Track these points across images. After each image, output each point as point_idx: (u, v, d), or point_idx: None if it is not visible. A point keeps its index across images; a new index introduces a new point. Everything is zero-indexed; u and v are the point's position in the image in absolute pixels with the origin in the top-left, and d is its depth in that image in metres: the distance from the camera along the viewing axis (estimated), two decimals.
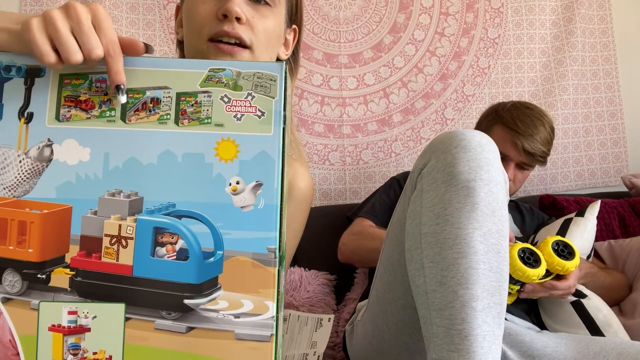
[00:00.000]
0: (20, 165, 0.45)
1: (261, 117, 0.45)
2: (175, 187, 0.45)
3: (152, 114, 0.46)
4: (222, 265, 0.44)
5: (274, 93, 0.46)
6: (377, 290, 0.86)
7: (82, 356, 0.44)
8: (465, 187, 0.66)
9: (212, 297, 0.44)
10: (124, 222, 0.45)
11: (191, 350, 0.44)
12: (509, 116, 1.28)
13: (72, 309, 0.45)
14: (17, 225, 0.45)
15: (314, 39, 1.70)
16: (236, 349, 0.43)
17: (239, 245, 0.44)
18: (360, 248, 1.21)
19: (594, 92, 1.80)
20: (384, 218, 1.23)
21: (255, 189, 0.44)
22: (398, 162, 1.71)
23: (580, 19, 1.77)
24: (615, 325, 1.03)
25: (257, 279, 0.44)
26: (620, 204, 1.48)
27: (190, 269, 0.44)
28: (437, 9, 1.75)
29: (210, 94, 0.46)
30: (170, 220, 0.45)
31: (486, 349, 0.62)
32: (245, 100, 0.46)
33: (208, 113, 0.46)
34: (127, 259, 0.45)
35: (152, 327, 0.44)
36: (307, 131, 1.68)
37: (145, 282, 0.44)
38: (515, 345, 0.87)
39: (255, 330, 0.43)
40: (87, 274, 0.45)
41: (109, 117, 0.46)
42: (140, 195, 0.45)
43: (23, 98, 0.46)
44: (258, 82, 0.46)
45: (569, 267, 0.95)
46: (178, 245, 0.45)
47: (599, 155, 1.79)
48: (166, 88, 0.46)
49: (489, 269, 0.65)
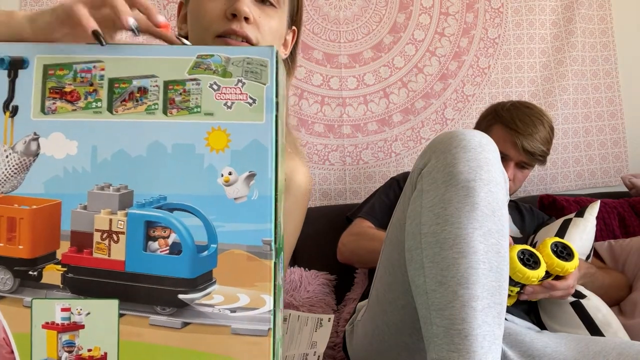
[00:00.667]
0: (7, 161, 0.45)
1: (252, 105, 0.44)
2: (166, 179, 0.44)
3: (139, 104, 0.45)
4: (217, 258, 0.43)
5: (265, 79, 0.44)
6: (377, 290, 0.86)
7: (77, 353, 0.44)
8: (465, 187, 0.66)
9: (207, 291, 0.43)
10: (115, 216, 0.44)
11: (187, 346, 0.43)
12: (508, 116, 1.28)
13: (65, 305, 0.44)
14: (7, 222, 0.44)
15: (314, 39, 1.70)
16: (233, 344, 0.42)
17: (233, 238, 0.43)
18: (359, 248, 1.22)
19: (594, 92, 1.80)
20: (383, 219, 1.24)
21: (248, 180, 0.43)
22: (398, 162, 1.71)
23: (580, 19, 1.77)
24: (615, 325, 1.03)
25: (253, 272, 0.43)
26: (620, 204, 1.48)
27: (183, 263, 0.44)
28: (437, 9, 1.75)
29: (199, 81, 0.44)
30: (162, 213, 0.44)
31: (486, 348, 0.62)
32: (235, 87, 0.44)
33: (197, 102, 0.44)
34: (119, 254, 0.44)
35: (147, 323, 0.44)
36: (307, 131, 1.68)
37: (138, 277, 0.44)
38: (515, 345, 0.87)
39: (252, 325, 0.42)
40: (79, 270, 0.44)
41: (95, 108, 0.45)
42: (130, 188, 0.44)
43: (7, 91, 0.45)
44: (248, 67, 0.44)
45: (569, 268, 0.95)
46: (171, 239, 0.44)
47: (599, 155, 1.79)
48: (153, 76, 0.45)
49: (489, 269, 0.65)
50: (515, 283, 0.94)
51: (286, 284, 1.30)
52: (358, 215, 1.29)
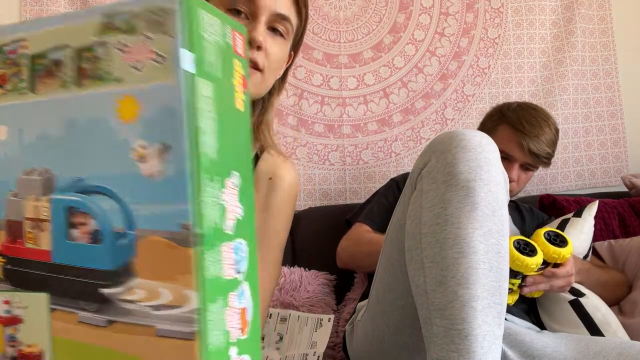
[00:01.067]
0: None
1: (161, 63, 0.36)
2: (85, 159, 0.39)
3: (56, 79, 0.40)
4: (135, 247, 0.37)
5: (172, 30, 0.36)
6: (377, 290, 0.86)
7: (18, 348, 0.41)
8: (465, 187, 0.66)
9: (127, 285, 0.37)
10: (39, 202, 0.40)
11: (112, 346, 0.38)
12: (515, 116, 1.28)
13: (6, 298, 0.41)
14: None
15: (314, 39, 1.70)
16: (157, 347, 0.36)
17: (151, 223, 0.37)
18: (357, 253, 1.22)
19: (594, 92, 1.80)
20: (382, 222, 1.24)
21: (163, 153, 0.36)
22: (398, 162, 1.71)
23: (580, 19, 1.77)
24: (614, 324, 1.03)
25: (173, 263, 0.36)
26: (620, 204, 1.48)
27: (102, 253, 0.38)
28: (437, 9, 1.75)
29: (107, 43, 0.38)
30: (80, 198, 0.39)
31: (486, 348, 0.62)
32: (142, 45, 0.37)
33: (107, 67, 0.38)
34: (46, 244, 0.40)
35: (76, 319, 0.39)
36: (307, 131, 1.68)
37: (63, 269, 0.40)
38: (515, 345, 0.87)
39: (176, 326, 0.36)
40: (15, 261, 0.41)
41: (21, 89, 0.41)
42: (54, 171, 0.40)
43: None
44: (152, 17, 0.36)
45: (565, 254, 0.96)
46: (91, 227, 0.39)
47: (599, 155, 1.79)
48: (66, 47, 0.39)
49: (489, 269, 0.65)
50: (515, 274, 0.94)
51: (286, 284, 1.30)
52: (357, 220, 1.29)
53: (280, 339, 1.17)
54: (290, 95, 1.68)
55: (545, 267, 0.97)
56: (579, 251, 1.20)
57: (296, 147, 1.68)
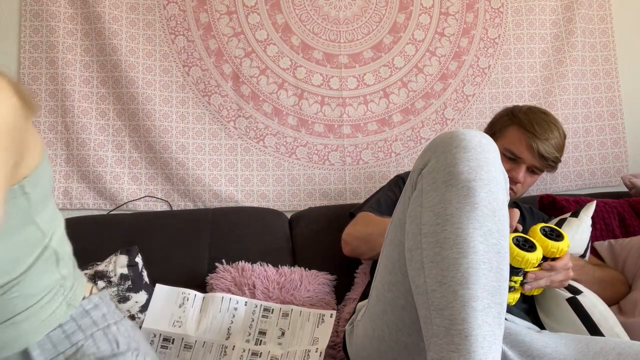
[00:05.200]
0: None
1: None
2: None
3: None
4: None
5: None
6: (377, 290, 0.86)
7: None
8: (466, 187, 0.66)
9: None
10: None
11: None
12: (526, 119, 1.27)
13: None
14: None
15: (314, 39, 1.70)
16: None
17: None
18: (369, 235, 1.18)
19: (594, 92, 1.80)
20: (388, 213, 1.23)
21: None
22: (398, 162, 1.71)
23: (580, 19, 1.77)
24: (612, 320, 1.03)
25: None
26: (620, 204, 1.48)
27: None
28: (437, 9, 1.75)
29: None
30: None
31: (486, 349, 0.62)
32: None
33: None
34: None
35: None
36: (307, 131, 1.68)
37: None
38: (515, 345, 0.87)
39: None
40: None
41: None
42: None
43: None
44: None
45: (563, 247, 0.97)
46: None
47: (599, 155, 1.79)
48: None
49: (489, 269, 0.65)
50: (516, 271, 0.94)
51: (286, 283, 1.29)
52: (362, 210, 1.28)
53: (282, 334, 1.17)
54: (290, 95, 1.68)
55: (544, 262, 0.98)
56: (575, 251, 1.20)
57: (296, 147, 1.68)
